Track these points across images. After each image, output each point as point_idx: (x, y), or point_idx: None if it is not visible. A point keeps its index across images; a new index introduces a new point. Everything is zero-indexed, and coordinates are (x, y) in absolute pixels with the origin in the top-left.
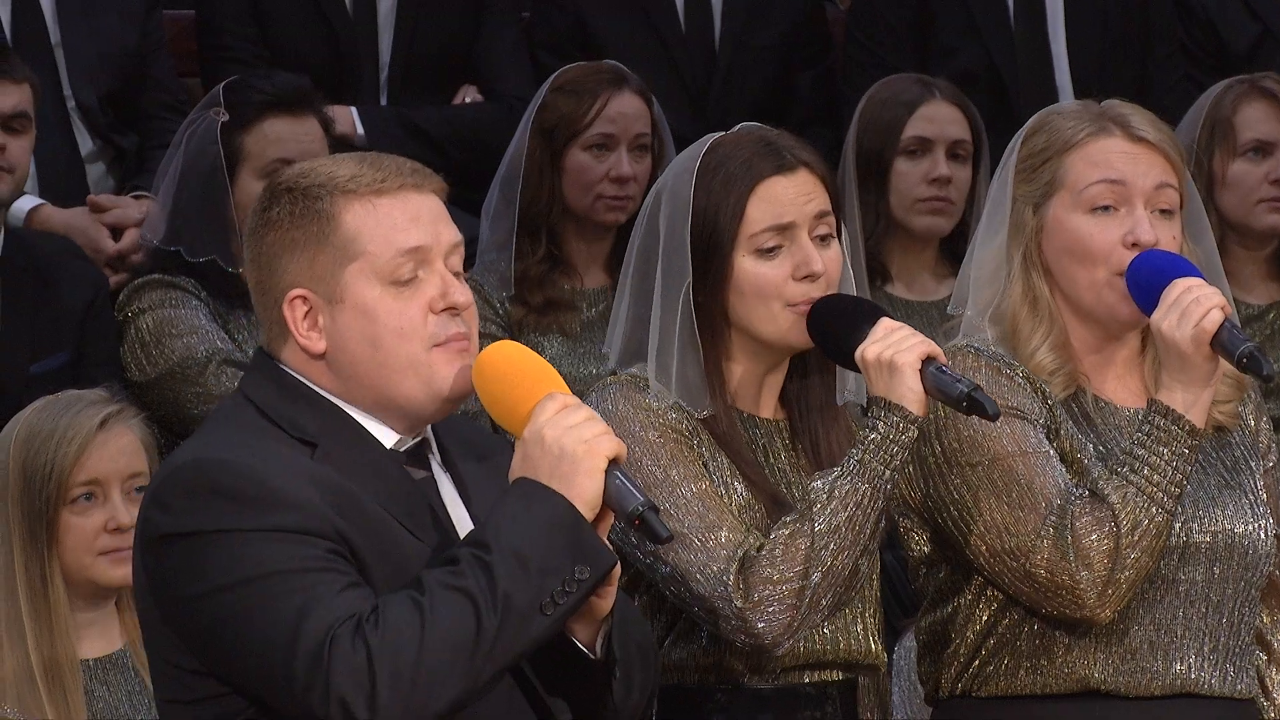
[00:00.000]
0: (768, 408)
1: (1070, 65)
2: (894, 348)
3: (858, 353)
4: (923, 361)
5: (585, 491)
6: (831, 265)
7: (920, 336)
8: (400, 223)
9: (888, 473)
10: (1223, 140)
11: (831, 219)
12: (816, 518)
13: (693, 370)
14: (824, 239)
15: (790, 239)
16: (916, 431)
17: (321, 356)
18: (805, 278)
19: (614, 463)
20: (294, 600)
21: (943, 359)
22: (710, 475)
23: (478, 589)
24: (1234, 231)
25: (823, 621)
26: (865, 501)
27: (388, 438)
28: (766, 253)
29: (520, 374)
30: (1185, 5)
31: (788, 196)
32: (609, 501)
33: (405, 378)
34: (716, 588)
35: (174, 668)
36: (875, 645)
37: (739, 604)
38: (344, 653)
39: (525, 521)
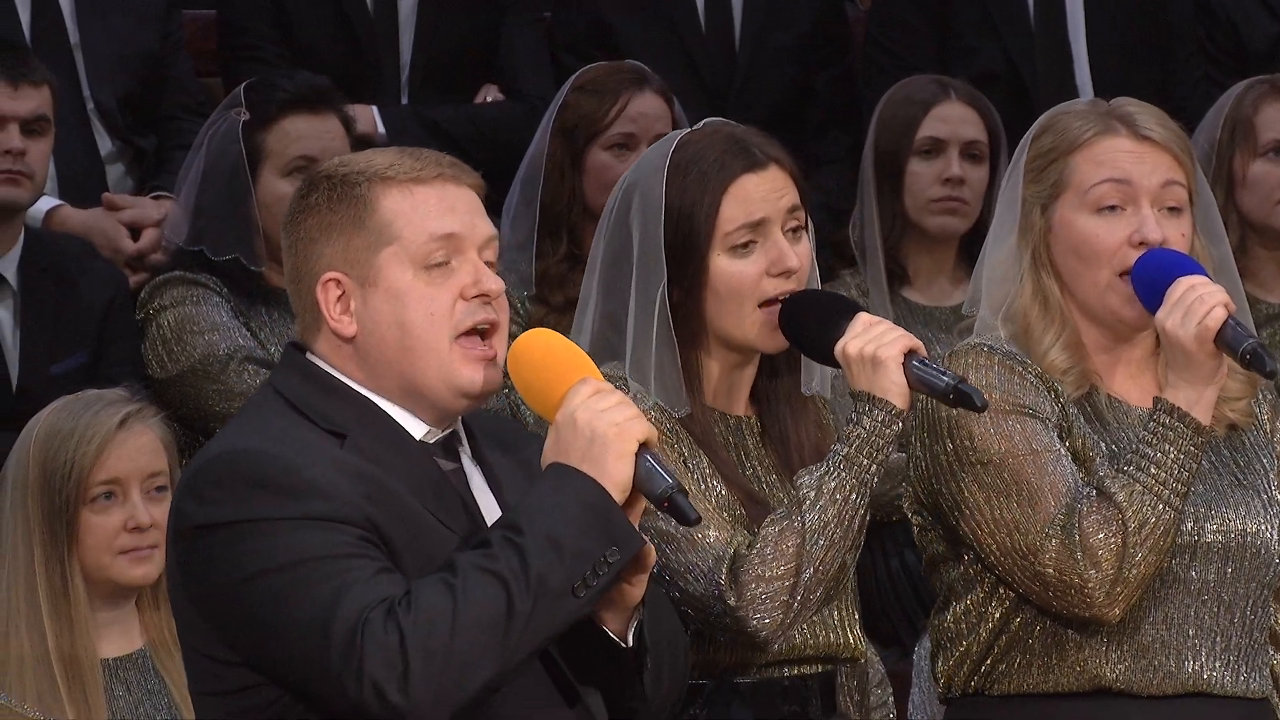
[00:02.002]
0: (740, 404)
1: (1090, 66)
2: (875, 342)
3: (838, 348)
4: (905, 355)
5: (616, 474)
6: (804, 259)
7: (900, 330)
8: (435, 210)
9: (874, 467)
10: (1243, 140)
11: (801, 213)
12: (806, 514)
13: (670, 371)
14: (795, 232)
15: (764, 235)
16: (900, 425)
17: (351, 340)
18: (780, 274)
19: (644, 446)
20: (327, 586)
21: (923, 352)
22: (690, 474)
23: (509, 571)
24: (1254, 231)
25: (812, 616)
26: (853, 497)
27: (417, 429)
28: (740, 249)
29: (554, 360)
30: (1205, 5)
31: (760, 193)
32: (638, 484)
33: (428, 365)
34: (709, 587)
35: (208, 659)
36: (853, 636)
37: (732, 602)
38: (376, 636)
39: (557, 504)
